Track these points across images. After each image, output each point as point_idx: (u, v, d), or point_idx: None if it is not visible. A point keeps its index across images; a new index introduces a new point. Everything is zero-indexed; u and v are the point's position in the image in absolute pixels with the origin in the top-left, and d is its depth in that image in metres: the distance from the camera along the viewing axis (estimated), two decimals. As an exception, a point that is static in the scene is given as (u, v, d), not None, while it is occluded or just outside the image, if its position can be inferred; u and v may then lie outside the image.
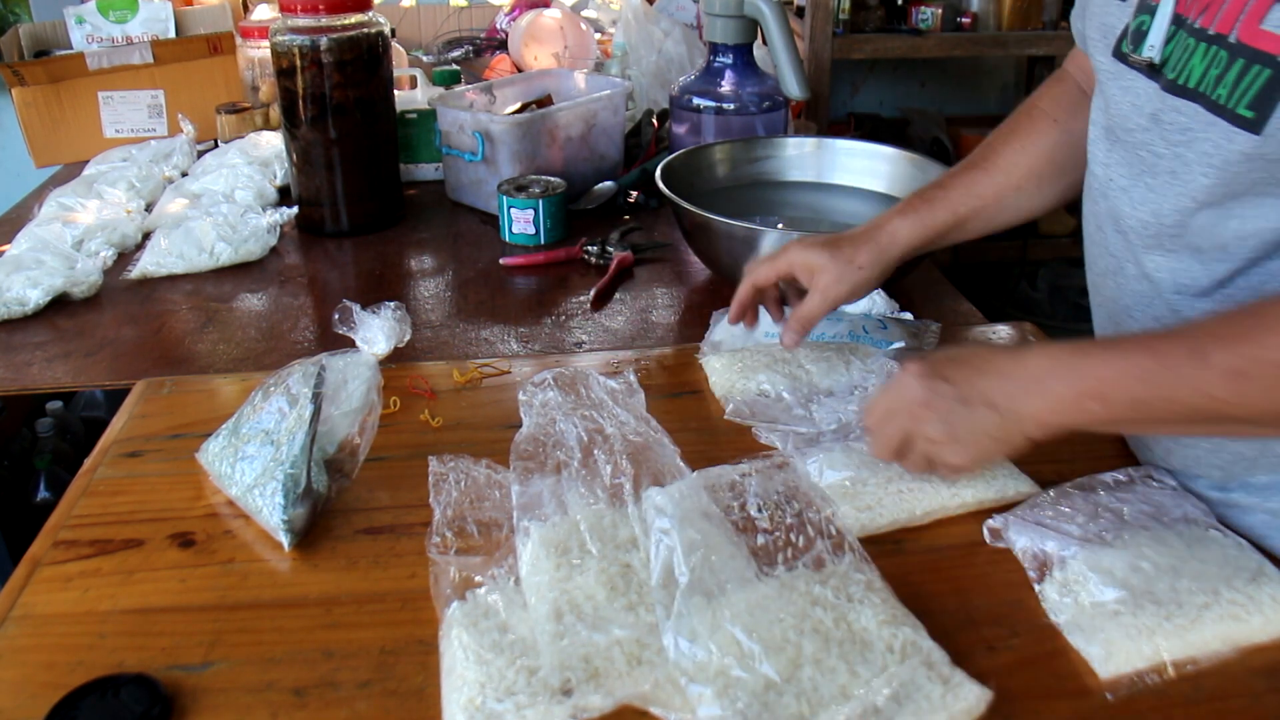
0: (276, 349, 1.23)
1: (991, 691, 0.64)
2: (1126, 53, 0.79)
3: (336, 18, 1.47)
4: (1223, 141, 0.70)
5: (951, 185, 0.99)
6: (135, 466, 0.93)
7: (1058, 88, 1.01)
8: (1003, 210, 0.99)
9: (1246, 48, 0.67)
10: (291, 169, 1.58)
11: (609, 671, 0.65)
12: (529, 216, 1.51)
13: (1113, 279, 0.85)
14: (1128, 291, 0.83)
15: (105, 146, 1.85)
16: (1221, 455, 0.82)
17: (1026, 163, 0.98)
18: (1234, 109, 0.68)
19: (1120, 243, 0.83)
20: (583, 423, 0.90)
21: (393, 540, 0.82)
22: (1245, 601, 0.71)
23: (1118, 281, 0.85)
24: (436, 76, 2.07)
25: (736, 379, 1.02)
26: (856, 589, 0.71)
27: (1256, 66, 0.66)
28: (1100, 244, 0.87)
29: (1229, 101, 0.69)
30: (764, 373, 1.02)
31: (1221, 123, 0.70)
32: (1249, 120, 0.67)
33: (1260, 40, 0.66)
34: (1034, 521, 0.79)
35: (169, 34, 2.02)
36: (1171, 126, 0.75)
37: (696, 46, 2.00)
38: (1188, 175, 0.74)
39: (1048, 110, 1.00)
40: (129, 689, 0.66)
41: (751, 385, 1.01)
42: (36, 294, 1.30)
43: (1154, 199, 0.78)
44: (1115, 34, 0.80)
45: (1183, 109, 0.73)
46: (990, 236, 1.05)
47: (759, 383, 1.00)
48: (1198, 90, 0.72)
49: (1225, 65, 0.69)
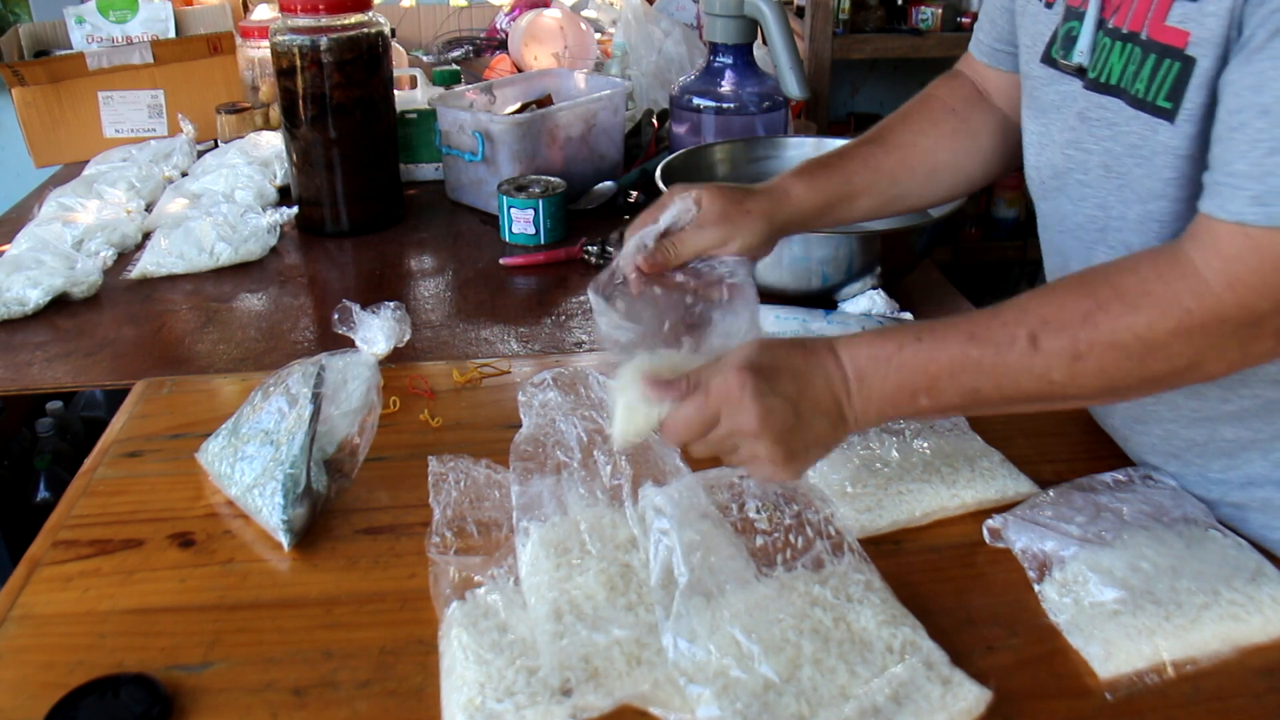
0: (276, 349, 1.23)
1: (991, 691, 0.65)
2: (1056, 58, 0.81)
3: (336, 18, 1.47)
4: (1148, 133, 0.73)
5: (848, 155, 0.97)
6: (135, 466, 0.93)
7: (954, 81, 1.02)
8: (895, 188, 0.97)
9: (1156, 43, 0.70)
10: (291, 169, 1.58)
11: (608, 671, 0.65)
12: (529, 216, 1.51)
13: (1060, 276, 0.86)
14: None
15: (105, 146, 1.85)
16: (1174, 443, 0.84)
17: (925, 144, 0.97)
18: (1154, 101, 0.71)
19: (1067, 241, 0.85)
20: (582, 423, 0.90)
21: (393, 540, 0.82)
22: (1245, 601, 0.71)
23: None
24: (436, 76, 2.06)
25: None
26: (856, 589, 0.71)
27: (1167, 60, 0.69)
28: (1049, 244, 0.89)
29: (1148, 94, 0.72)
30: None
31: (1144, 115, 0.72)
32: (1168, 111, 0.70)
33: (1167, 35, 0.69)
34: (1034, 521, 0.79)
35: (169, 34, 2.02)
36: (1098, 122, 0.77)
37: (696, 46, 2.00)
38: (1119, 168, 0.76)
39: (945, 99, 1.00)
40: (129, 689, 0.66)
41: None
42: (36, 294, 1.30)
43: (1090, 195, 0.80)
44: (1044, 40, 0.82)
45: (1107, 104, 0.76)
46: (990, 236, 1.06)
47: None
48: (1118, 86, 0.74)
49: (1140, 61, 0.72)
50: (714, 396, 0.69)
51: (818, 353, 0.71)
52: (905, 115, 1.00)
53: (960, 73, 1.03)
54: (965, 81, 1.01)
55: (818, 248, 1.19)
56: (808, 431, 0.70)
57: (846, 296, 1.24)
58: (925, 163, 0.98)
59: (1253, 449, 0.80)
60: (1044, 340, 0.67)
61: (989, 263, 2.77)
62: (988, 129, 0.99)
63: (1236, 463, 0.81)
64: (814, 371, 0.70)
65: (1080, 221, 0.82)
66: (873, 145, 0.98)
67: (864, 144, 0.98)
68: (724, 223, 0.86)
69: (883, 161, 0.96)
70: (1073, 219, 0.82)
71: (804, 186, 0.92)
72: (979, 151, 0.99)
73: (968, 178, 1.00)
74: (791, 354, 0.71)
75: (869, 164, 0.96)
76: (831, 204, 0.94)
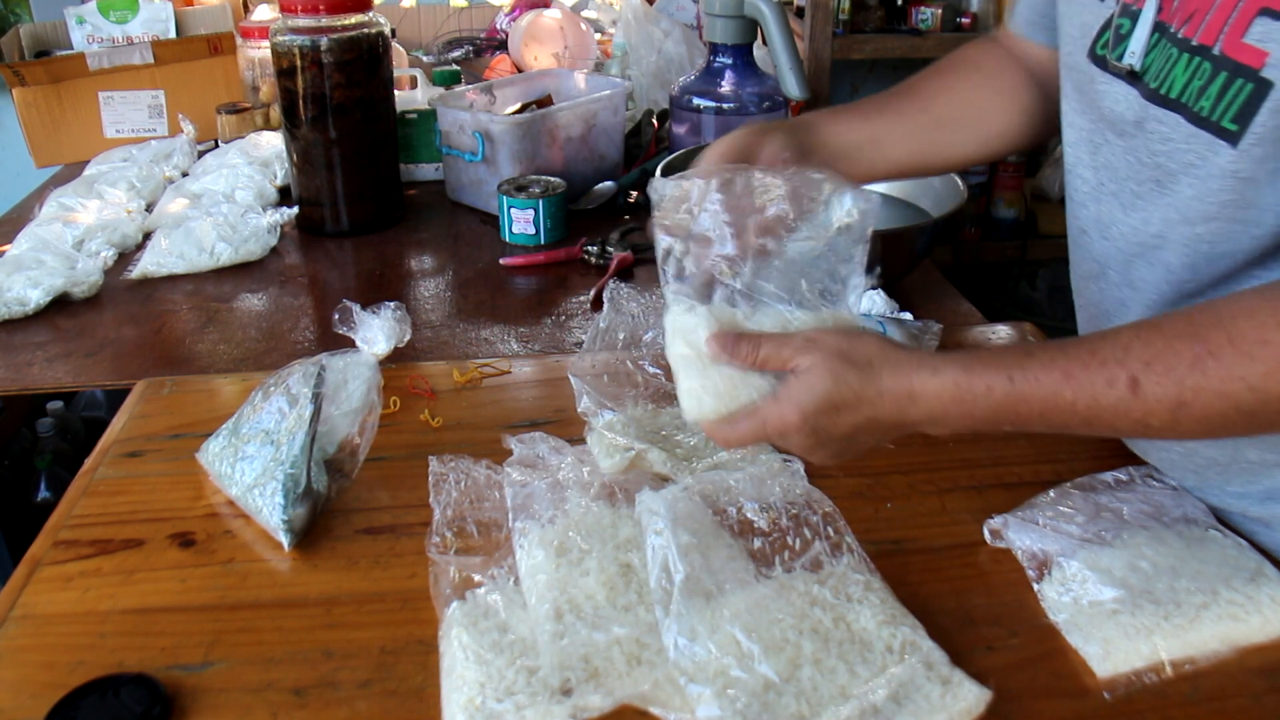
0: (276, 349, 1.23)
1: (991, 691, 0.65)
2: (1104, 56, 0.77)
3: (337, 18, 1.47)
4: (1207, 153, 0.69)
5: (871, 103, 0.95)
6: (135, 466, 0.93)
7: (986, 44, 1.00)
8: (917, 140, 0.94)
9: (1229, 60, 0.66)
10: (291, 169, 1.58)
11: (608, 671, 0.65)
12: (529, 216, 1.51)
13: (1095, 284, 0.85)
14: (1109, 297, 0.83)
15: (106, 146, 1.85)
16: (1194, 460, 0.82)
17: (951, 97, 0.96)
18: (1219, 122, 0.68)
19: (1105, 248, 0.82)
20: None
21: (393, 540, 0.82)
22: (1244, 601, 0.71)
23: (1100, 286, 0.84)
24: (436, 76, 2.07)
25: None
26: (855, 589, 0.71)
27: (1240, 80, 0.66)
28: (1084, 248, 0.86)
29: (1213, 114, 0.68)
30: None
31: (1205, 135, 0.69)
32: (1233, 134, 0.67)
33: (1243, 54, 0.65)
34: (1034, 521, 0.79)
35: (169, 34, 2.02)
36: (1154, 135, 0.74)
37: (696, 46, 2.00)
38: (1172, 185, 0.73)
39: (974, 59, 0.98)
40: (129, 689, 0.66)
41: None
42: (37, 294, 1.30)
43: (1141, 206, 0.77)
44: (1092, 32, 0.79)
45: (1164, 119, 0.73)
46: (990, 236, 1.05)
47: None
48: (1179, 101, 0.71)
49: (1208, 77, 0.68)
50: (771, 430, 0.70)
51: (891, 395, 0.68)
52: (932, 71, 0.98)
53: (993, 38, 1.00)
54: (998, 46, 0.99)
55: (817, 248, 1.19)
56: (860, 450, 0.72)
57: (846, 296, 1.24)
58: (951, 113, 0.95)
59: (1277, 469, 0.79)
60: (1146, 385, 0.63)
61: (989, 263, 2.77)
62: (1017, 91, 0.96)
63: (1258, 478, 0.80)
64: (882, 413, 0.68)
65: (1124, 231, 0.79)
66: (895, 95, 0.96)
67: (886, 94, 0.96)
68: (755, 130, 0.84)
69: (905, 107, 0.94)
70: (1117, 228, 0.80)
71: (824, 120, 0.91)
72: (1012, 108, 0.96)
73: (1001, 134, 0.96)
74: (862, 395, 0.68)
75: (890, 109, 0.94)
76: (859, 144, 0.91)
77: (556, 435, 0.89)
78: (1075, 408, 0.65)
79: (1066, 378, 0.65)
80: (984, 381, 0.67)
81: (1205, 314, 0.65)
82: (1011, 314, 2.77)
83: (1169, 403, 0.63)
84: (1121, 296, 0.81)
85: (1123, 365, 0.64)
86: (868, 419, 0.69)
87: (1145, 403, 0.64)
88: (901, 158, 0.95)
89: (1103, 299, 0.84)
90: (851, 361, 0.69)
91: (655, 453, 0.85)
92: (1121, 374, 0.64)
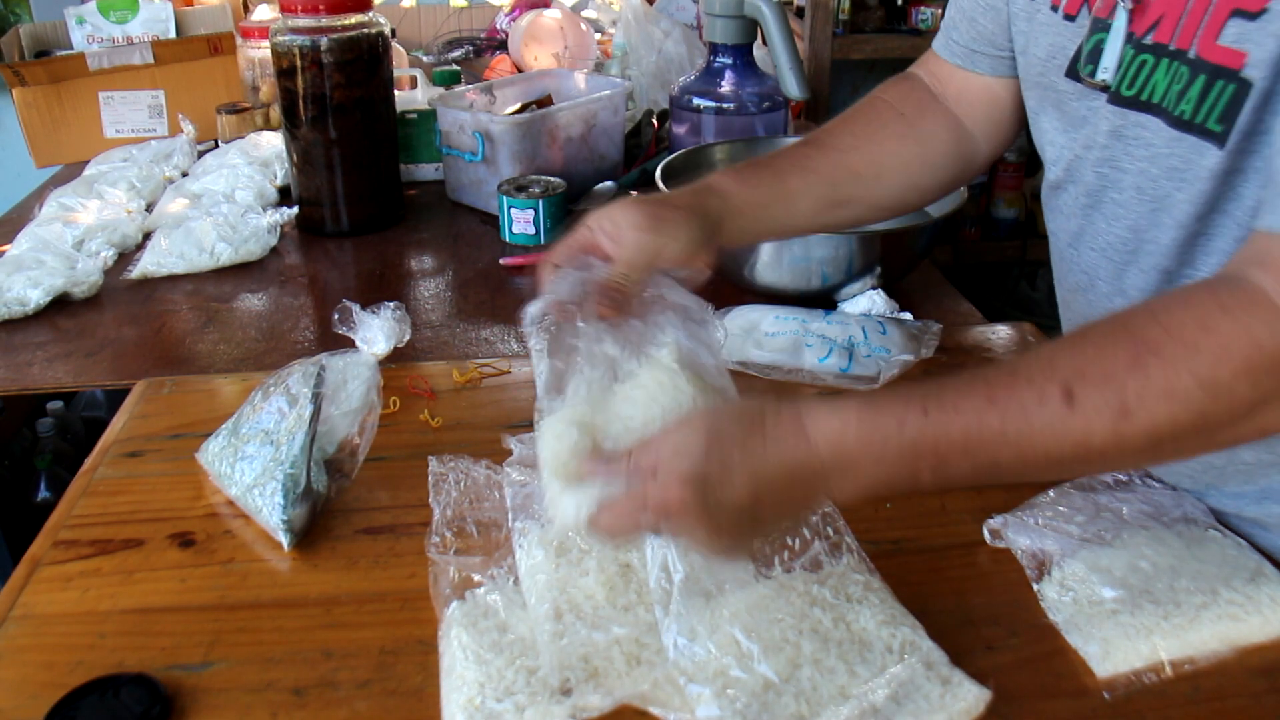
0: (276, 349, 1.23)
1: (990, 691, 0.65)
2: (1081, 73, 0.77)
3: (337, 18, 1.47)
4: (1192, 156, 0.69)
5: (782, 155, 0.89)
6: (135, 466, 0.93)
7: (904, 84, 0.96)
8: (835, 191, 0.89)
9: (1207, 63, 0.66)
10: (292, 169, 1.58)
11: (608, 671, 0.65)
12: (529, 216, 1.51)
13: (1083, 295, 0.85)
14: (1099, 309, 0.83)
15: (106, 146, 1.85)
16: (1190, 464, 0.82)
17: (867, 148, 0.90)
18: (1202, 124, 0.67)
19: (1093, 259, 0.82)
20: None
21: (392, 540, 0.82)
22: (1244, 601, 0.71)
23: (1088, 298, 0.84)
24: (436, 76, 2.06)
25: None
26: (855, 589, 0.71)
27: (1220, 82, 0.65)
28: (1071, 260, 0.85)
29: (1196, 116, 0.68)
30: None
31: (1189, 138, 0.69)
32: (1218, 134, 0.67)
33: (1220, 56, 0.65)
34: (1033, 521, 0.79)
35: (169, 34, 2.02)
36: (1135, 141, 0.74)
37: (696, 46, 2.00)
38: (1156, 191, 0.73)
39: (893, 104, 0.94)
40: (129, 689, 0.66)
41: None
42: (37, 294, 1.30)
43: (1125, 215, 0.77)
44: (1068, 54, 0.78)
45: (1146, 124, 0.72)
46: (990, 236, 1.05)
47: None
48: (1160, 105, 0.71)
49: (1187, 81, 0.68)
50: (654, 508, 0.60)
51: (782, 441, 0.59)
52: (847, 118, 0.93)
53: (913, 75, 0.97)
54: (917, 85, 0.95)
55: (817, 248, 1.19)
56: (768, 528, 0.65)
57: (846, 296, 1.24)
58: (868, 167, 0.90)
59: (1273, 470, 0.79)
60: (1081, 395, 0.57)
61: (989, 263, 2.77)
62: (938, 137, 0.93)
63: (1253, 479, 0.80)
64: (777, 468, 0.59)
65: (1112, 241, 0.79)
66: (809, 146, 0.91)
67: (800, 145, 0.91)
68: (651, 228, 0.74)
69: (819, 163, 0.89)
70: (1104, 237, 0.79)
71: (733, 181, 0.84)
72: (927, 159, 0.93)
73: (916, 186, 0.93)
74: (748, 446, 0.59)
75: (804, 164, 0.88)
76: (765, 203, 0.85)
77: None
78: (1005, 435, 0.58)
79: (990, 401, 0.58)
80: (893, 416, 0.58)
81: (1136, 314, 0.61)
82: (1011, 314, 2.77)
83: (1110, 413, 0.57)
84: (1113, 306, 0.81)
85: (1052, 378, 0.57)
86: (761, 476, 0.59)
87: (1084, 416, 0.57)
88: (812, 213, 0.89)
89: (1091, 310, 0.84)
90: (732, 415, 0.62)
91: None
92: (1052, 387, 0.57)
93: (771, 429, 0.59)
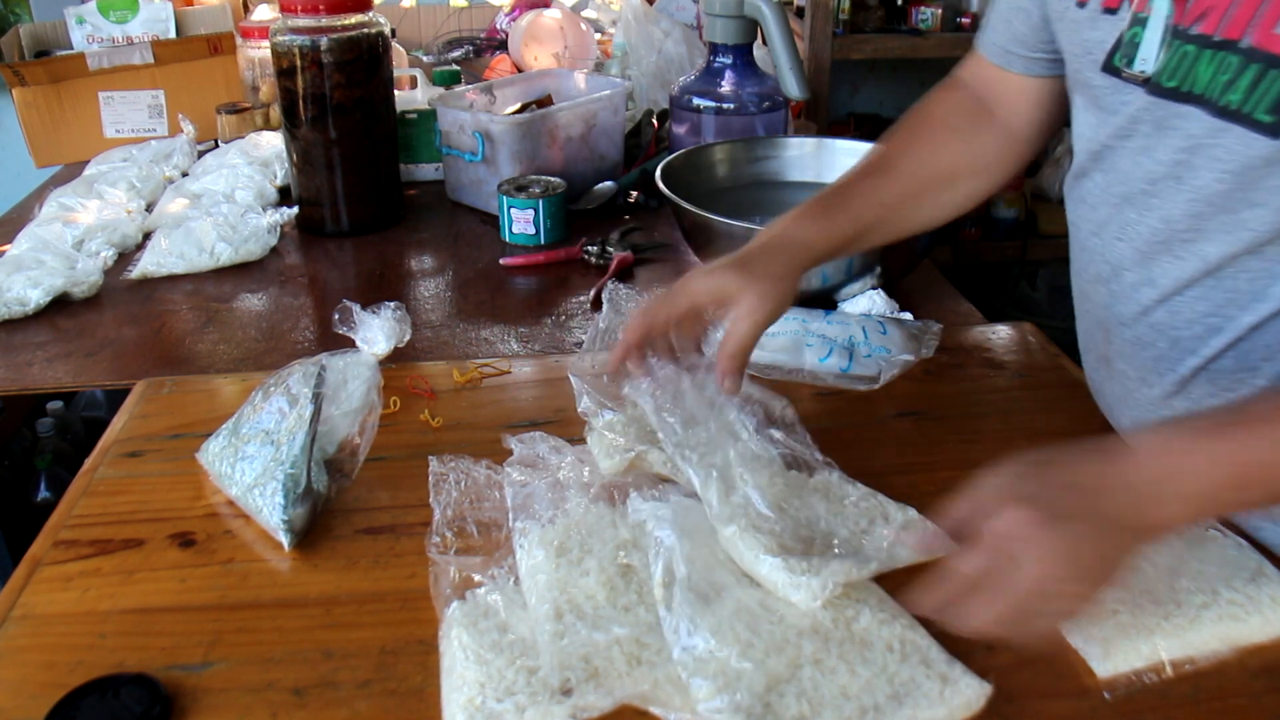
0: (276, 349, 1.23)
1: (990, 684, 0.65)
2: (1119, 67, 0.78)
3: (337, 18, 1.47)
4: (1238, 147, 0.70)
5: (853, 192, 0.93)
6: (135, 466, 0.93)
7: (954, 96, 0.99)
8: (903, 218, 0.96)
9: (1260, 52, 0.67)
10: (291, 169, 1.58)
11: (609, 671, 0.65)
12: (529, 216, 1.51)
13: (1105, 286, 0.85)
14: (1124, 299, 0.83)
15: (106, 146, 1.85)
16: None
17: (926, 173, 0.95)
18: (1251, 114, 0.68)
19: (1122, 250, 0.82)
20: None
21: (393, 540, 0.82)
22: (1244, 601, 0.71)
23: (1111, 289, 0.84)
24: (436, 76, 2.07)
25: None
26: (855, 589, 0.71)
27: (1274, 71, 0.66)
28: (1095, 251, 0.86)
29: (1244, 106, 0.68)
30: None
31: (1236, 128, 0.69)
32: (1269, 125, 0.67)
33: (1275, 44, 0.65)
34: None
35: (169, 34, 2.02)
36: (1175, 132, 0.74)
37: (696, 46, 2.00)
38: (1196, 181, 0.74)
39: (946, 119, 0.98)
40: (129, 689, 0.66)
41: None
42: (37, 294, 1.30)
43: (1159, 205, 0.77)
44: (1104, 48, 0.79)
45: (1185, 114, 0.73)
46: (990, 236, 1.05)
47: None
48: (1203, 96, 0.71)
49: (1236, 71, 0.68)
50: (996, 544, 0.61)
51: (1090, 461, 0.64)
52: (909, 139, 0.97)
53: (960, 83, 1.00)
54: (966, 95, 0.99)
55: (818, 248, 1.19)
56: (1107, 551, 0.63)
57: (846, 296, 1.24)
58: (932, 188, 0.96)
59: None
60: None
61: (989, 263, 2.77)
62: (993, 146, 0.97)
63: None
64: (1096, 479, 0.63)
65: (1142, 231, 0.79)
66: (877, 177, 0.94)
67: (868, 175, 0.95)
68: (765, 301, 0.81)
69: (888, 195, 0.94)
70: (1135, 228, 0.80)
71: (816, 230, 0.88)
72: (984, 169, 0.98)
73: (970, 195, 0.98)
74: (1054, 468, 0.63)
75: (876, 198, 0.93)
76: (844, 246, 0.91)
77: (556, 435, 0.89)
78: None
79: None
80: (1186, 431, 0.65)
81: None
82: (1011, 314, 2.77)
83: None
84: (1139, 297, 0.81)
85: None
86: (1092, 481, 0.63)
87: None
88: (882, 239, 0.95)
89: (1114, 301, 0.84)
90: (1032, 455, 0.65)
91: (655, 453, 0.85)
92: None
93: (1084, 450, 0.64)
